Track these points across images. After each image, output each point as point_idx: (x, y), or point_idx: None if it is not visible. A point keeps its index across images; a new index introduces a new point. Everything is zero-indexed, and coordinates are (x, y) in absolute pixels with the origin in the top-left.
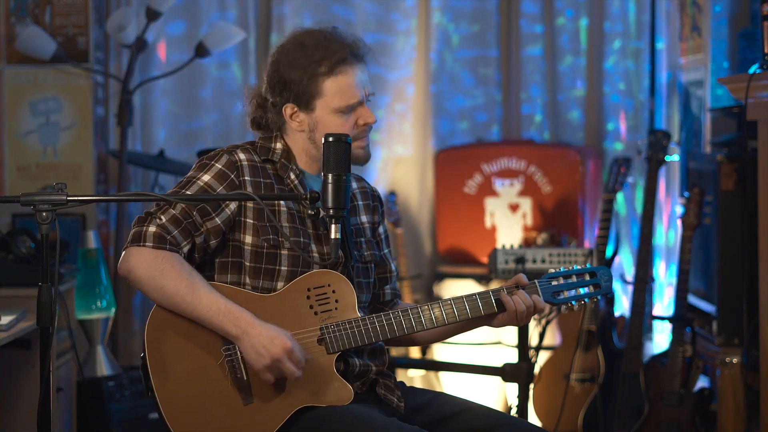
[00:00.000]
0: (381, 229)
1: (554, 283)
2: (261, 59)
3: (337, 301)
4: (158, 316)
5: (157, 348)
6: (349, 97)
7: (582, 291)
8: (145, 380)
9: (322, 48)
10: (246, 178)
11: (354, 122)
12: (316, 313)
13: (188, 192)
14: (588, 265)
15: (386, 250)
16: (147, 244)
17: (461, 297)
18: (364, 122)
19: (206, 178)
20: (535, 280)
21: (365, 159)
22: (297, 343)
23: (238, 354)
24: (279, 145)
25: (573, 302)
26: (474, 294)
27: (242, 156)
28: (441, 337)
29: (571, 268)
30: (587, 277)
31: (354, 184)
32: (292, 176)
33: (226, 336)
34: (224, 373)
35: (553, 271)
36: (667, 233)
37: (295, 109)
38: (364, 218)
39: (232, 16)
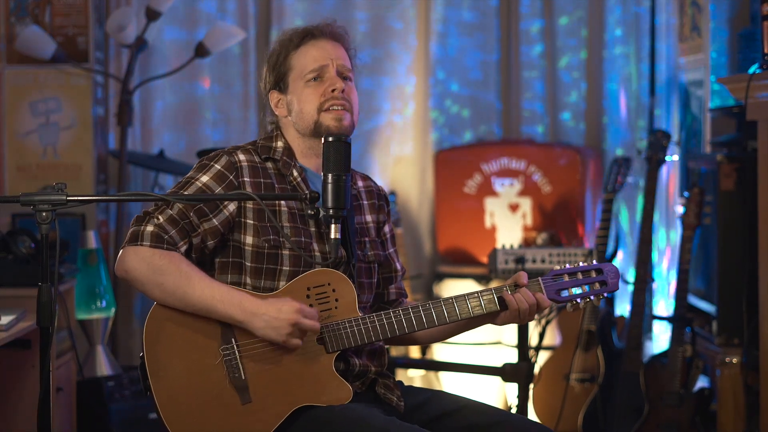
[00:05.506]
0: (386, 228)
1: (559, 280)
2: (261, 59)
3: (337, 300)
4: (157, 316)
5: (156, 348)
6: (313, 61)
7: (587, 288)
8: (143, 380)
9: (294, 31)
10: (245, 179)
11: (323, 91)
12: None
13: (186, 193)
14: (594, 262)
15: (391, 250)
16: (144, 243)
17: (463, 295)
18: (332, 88)
19: (205, 179)
20: (539, 278)
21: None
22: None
23: (236, 353)
24: (280, 144)
25: (578, 300)
26: (476, 292)
27: (242, 157)
28: (443, 336)
29: (576, 265)
30: (593, 274)
31: (359, 183)
32: (295, 173)
33: (232, 322)
34: (222, 373)
35: (557, 268)
36: (669, 233)
37: (277, 95)
38: (368, 217)
39: (231, 15)
